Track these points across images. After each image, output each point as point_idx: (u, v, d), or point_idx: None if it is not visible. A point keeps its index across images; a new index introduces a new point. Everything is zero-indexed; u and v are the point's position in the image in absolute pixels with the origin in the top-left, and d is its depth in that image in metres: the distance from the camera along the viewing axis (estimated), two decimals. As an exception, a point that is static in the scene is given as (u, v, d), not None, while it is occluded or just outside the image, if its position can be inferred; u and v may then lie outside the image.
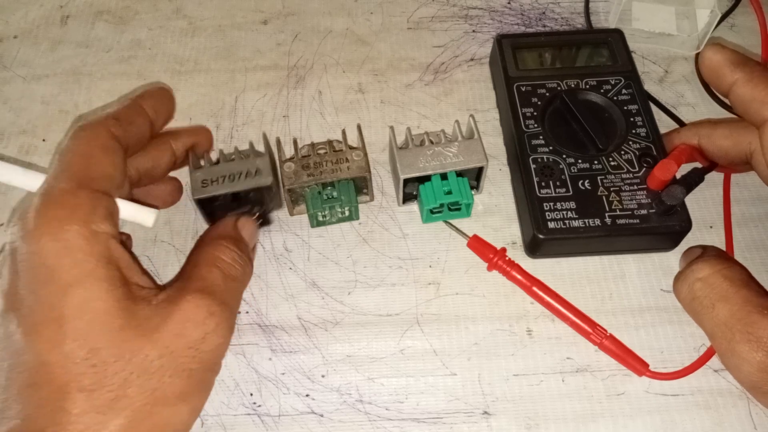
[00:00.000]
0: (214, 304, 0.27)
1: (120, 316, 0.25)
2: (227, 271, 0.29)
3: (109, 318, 0.25)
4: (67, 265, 0.24)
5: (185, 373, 0.26)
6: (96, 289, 0.25)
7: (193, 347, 0.26)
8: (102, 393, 0.24)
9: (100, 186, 0.27)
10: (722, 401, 0.32)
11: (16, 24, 0.47)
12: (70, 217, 0.25)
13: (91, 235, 0.25)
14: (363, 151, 0.36)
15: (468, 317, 0.34)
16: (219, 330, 0.27)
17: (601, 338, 0.33)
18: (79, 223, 0.25)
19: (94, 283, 0.25)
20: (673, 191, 0.33)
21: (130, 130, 0.30)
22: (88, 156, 0.27)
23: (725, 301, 0.30)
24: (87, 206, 0.25)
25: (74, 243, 0.25)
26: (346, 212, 0.37)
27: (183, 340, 0.26)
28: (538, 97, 0.38)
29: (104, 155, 0.28)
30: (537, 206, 0.34)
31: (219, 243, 0.30)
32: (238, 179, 0.34)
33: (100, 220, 0.26)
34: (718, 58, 0.33)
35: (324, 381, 0.33)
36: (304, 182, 0.35)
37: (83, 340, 0.24)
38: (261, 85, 0.43)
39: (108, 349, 0.24)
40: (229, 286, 0.29)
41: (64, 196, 0.25)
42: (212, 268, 0.29)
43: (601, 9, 0.47)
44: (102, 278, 0.25)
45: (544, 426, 0.31)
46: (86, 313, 0.24)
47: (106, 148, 0.28)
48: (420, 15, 0.47)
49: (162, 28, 0.47)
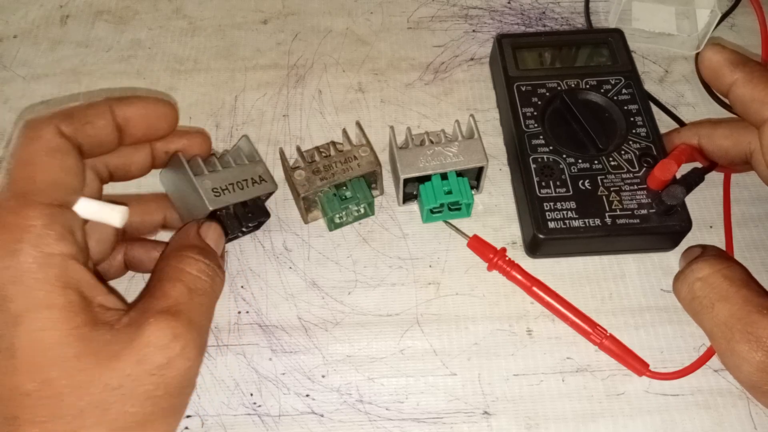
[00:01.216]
0: (180, 325, 0.25)
1: (75, 345, 0.23)
2: (193, 284, 0.27)
3: (63, 348, 0.23)
4: (16, 294, 0.23)
5: (148, 401, 0.24)
6: (48, 319, 0.23)
7: (156, 374, 0.24)
8: (56, 425, 0.23)
9: (50, 197, 0.24)
10: (722, 401, 0.32)
11: (16, 24, 0.47)
12: (18, 240, 0.23)
13: (44, 259, 0.23)
14: (369, 146, 0.36)
15: (468, 317, 0.34)
16: (185, 353, 0.25)
17: (601, 338, 0.33)
18: (30, 246, 0.23)
19: (47, 311, 0.23)
20: (673, 191, 0.33)
21: (85, 129, 0.26)
22: (30, 163, 0.24)
23: (725, 301, 0.30)
24: (37, 226, 0.23)
25: (25, 269, 0.23)
26: (362, 210, 0.37)
27: (144, 366, 0.24)
28: (538, 97, 0.38)
29: (51, 159, 0.24)
30: (537, 206, 0.34)
31: (182, 255, 0.28)
32: (247, 187, 0.33)
33: (53, 241, 0.23)
34: (718, 59, 0.33)
35: (324, 381, 0.33)
36: (318, 187, 0.35)
37: (35, 372, 0.23)
38: (261, 85, 0.43)
39: (62, 379, 0.23)
40: (196, 301, 0.27)
41: (9, 216, 0.23)
42: (176, 283, 0.26)
43: (601, 9, 0.47)
44: (56, 306, 0.23)
45: (544, 426, 0.31)
46: (37, 344, 0.23)
47: (53, 150, 0.25)
48: (420, 15, 0.47)
49: (162, 27, 0.47)
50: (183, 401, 0.27)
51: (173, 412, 0.26)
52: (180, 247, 0.29)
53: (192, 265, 0.28)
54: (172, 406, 0.26)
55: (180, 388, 0.26)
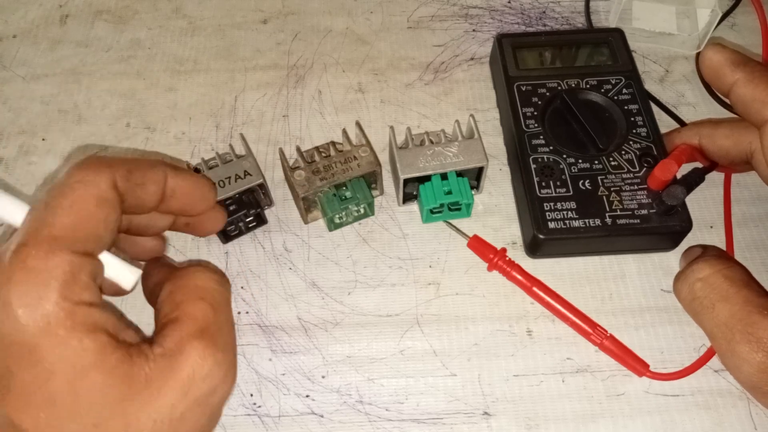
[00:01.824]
0: (218, 350, 0.24)
1: (119, 385, 0.22)
2: (213, 300, 0.26)
3: (108, 389, 0.22)
4: (48, 345, 0.22)
5: (196, 430, 0.24)
6: (84, 366, 0.22)
7: (203, 403, 0.24)
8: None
9: (84, 248, 0.23)
10: (722, 401, 0.32)
11: (16, 24, 0.47)
12: (47, 287, 0.22)
13: (73, 308, 0.22)
14: (369, 147, 0.36)
15: (468, 317, 0.34)
16: (227, 378, 0.25)
17: (601, 338, 0.33)
18: (59, 295, 0.22)
19: (82, 358, 0.22)
20: (674, 191, 0.33)
21: (136, 191, 0.26)
22: (77, 210, 0.23)
23: (725, 302, 0.30)
24: (67, 274, 0.22)
25: (53, 318, 0.22)
26: (362, 210, 0.37)
27: (191, 396, 0.23)
28: (538, 97, 0.38)
29: (98, 210, 0.24)
30: (537, 206, 0.34)
31: (191, 270, 0.27)
32: (229, 184, 0.34)
33: (81, 290, 0.23)
34: (719, 58, 0.33)
35: (324, 382, 0.33)
36: (318, 187, 0.35)
37: (85, 416, 0.22)
38: (261, 85, 0.43)
39: (112, 421, 0.22)
40: (222, 318, 0.26)
41: (40, 262, 0.22)
42: (197, 302, 0.26)
43: (601, 8, 0.47)
44: (90, 350, 0.22)
45: (544, 426, 0.31)
46: (80, 390, 0.22)
47: (103, 202, 0.24)
48: (420, 14, 0.47)
49: (162, 27, 0.47)
50: (216, 425, 0.26)
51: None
52: (187, 264, 0.28)
53: (205, 280, 0.27)
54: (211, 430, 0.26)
55: (220, 411, 0.26)
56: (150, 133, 0.41)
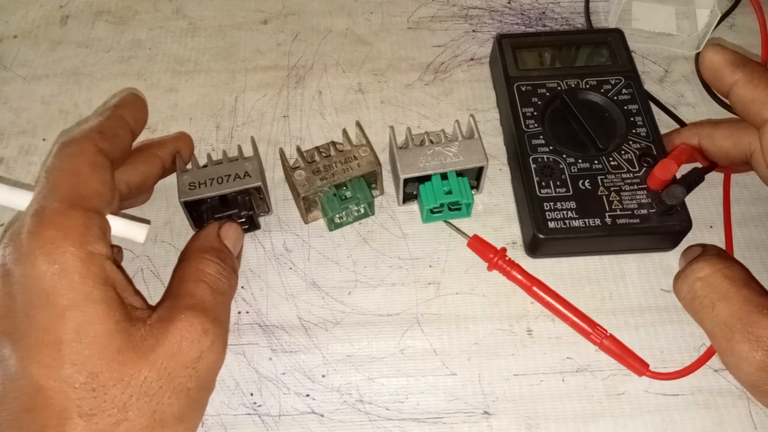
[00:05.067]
0: (208, 321, 0.27)
1: (118, 339, 0.24)
2: (215, 285, 0.29)
3: (108, 341, 0.24)
4: (63, 288, 0.24)
5: (183, 393, 0.26)
6: (94, 312, 0.24)
7: (189, 366, 0.26)
8: (102, 417, 0.24)
9: (91, 205, 0.26)
10: (722, 401, 0.32)
11: (16, 24, 0.47)
12: (64, 239, 0.24)
13: (87, 257, 0.25)
14: (369, 146, 0.36)
15: (468, 317, 0.34)
16: (214, 347, 0.27)
17: (601, 338, 0.33)
18: (75, 245, 0.24)
19: (92, 305, 0.24)
20: (674, 191, 0.33)
21: (115, 143, 0.29)
22: (76, 174, 0.27)
23: (725, 301, 0.30)
24: (81, 227, 0.25)
25: (70, 265, 0.24)
26: (362, 210, 0.37)
27: (180, 359, 0.26)
28: (538, 97, 0.38)
29: (92, 172, 0.27)
30: (537, 206, 0.34)
31: (202, 257, 0.30)
32: (227, 182, 0.34)
33: (94, 241, 0.25)
34: (718, 59, 0.33)
35: (324, 381, 0.33)
36: (318, 187, 0.35)
37: (82, 365, 0.24)
38: (261, 85, 0.43)
39: (107, 372, 0.24)
40: (218, 300, 0.29)
41: (57, 216, 0.25)
42: (199, 284, 0.29)
43: (601, 9, 0.47)
44: (99, 300, 0.24)
45: (544, 426, 0.31)
46: (85, 337, 0.24)
47: (94, 165, 0.27)
48: (420, 15, 0.47)
49: (162, 28, 0.47)
50: (207, 397, 0.28)
51: (201, 406, 0.28)
52: (200, 249, 0.31)
53: (211, 267, 0.30)
54: (201, 400, 0.27)
55: (208, 381, 0.27)
56: (150, 133, 0.41)
